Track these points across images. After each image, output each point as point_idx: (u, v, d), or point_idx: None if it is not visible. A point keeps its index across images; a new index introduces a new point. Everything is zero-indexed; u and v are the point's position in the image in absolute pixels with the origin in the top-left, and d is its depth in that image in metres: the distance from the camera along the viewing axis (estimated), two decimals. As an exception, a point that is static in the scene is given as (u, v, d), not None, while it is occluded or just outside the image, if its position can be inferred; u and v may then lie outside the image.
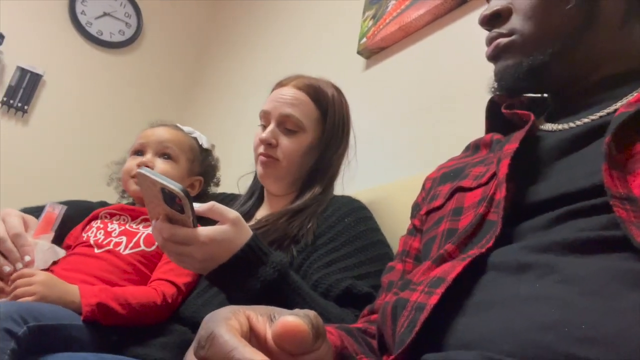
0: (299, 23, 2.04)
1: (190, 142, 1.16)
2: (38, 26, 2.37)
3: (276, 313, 0.35)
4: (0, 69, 2.27)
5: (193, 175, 1.15)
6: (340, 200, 0.98)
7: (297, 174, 1.02)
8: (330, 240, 0.88)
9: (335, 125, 1.03)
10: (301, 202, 0.96)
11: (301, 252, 0.88)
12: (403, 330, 0.43)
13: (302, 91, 1.01)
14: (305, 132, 1.00)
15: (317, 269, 0.84)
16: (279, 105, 1.00)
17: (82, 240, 1.01)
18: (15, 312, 0.69)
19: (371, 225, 0.94)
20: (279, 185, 1.03)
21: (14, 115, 2.28)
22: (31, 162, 2.28)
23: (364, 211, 0.96)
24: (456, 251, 0.48)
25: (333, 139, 1.03)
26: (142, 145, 1.11)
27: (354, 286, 0.81)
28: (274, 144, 1.00)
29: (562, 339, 0.33)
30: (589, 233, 0.39)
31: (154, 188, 0.62)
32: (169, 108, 2.66)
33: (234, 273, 0.70)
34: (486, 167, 0.56)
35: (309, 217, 0.92)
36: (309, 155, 1.02)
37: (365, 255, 0.87)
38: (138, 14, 2.64)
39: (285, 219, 0.92)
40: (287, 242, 0.89)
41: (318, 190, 0.99)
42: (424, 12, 1.31)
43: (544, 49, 0.54)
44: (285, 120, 1.00)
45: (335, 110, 1.04)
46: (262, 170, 1.02)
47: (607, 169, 0.40)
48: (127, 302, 0.84)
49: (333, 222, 0.91)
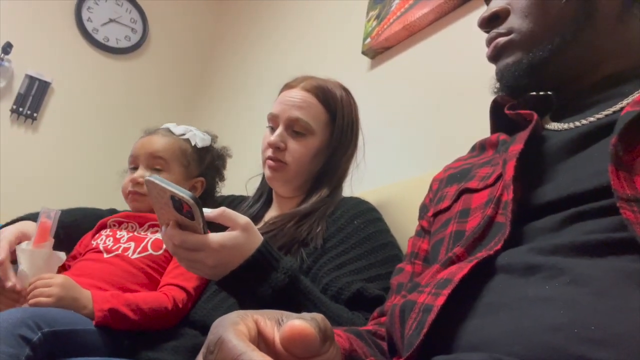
0: (303, 25, 2.04)
1: (182, 145, 1.13)
2: (45, 34, 2.40)
3: (284, 317, 0.35)
4: (10, 77, 2.29)
5: (191, 178, 1.14)
6: (349, 201, 0.97)
7: (305, 176, 1.02)
8: (340, 242, 0.88)
9: (344, 128, 1.02)
10: (309, 205, 0.96)
11: (310, 255, 0.87)
12: (411, 332, 0.43)
13: (311, 93, 1.00)
14: (313, 135, 1.00)
15: (327, 272, 0.84)
16: (287, 108, 0.99)
17: (91, 247, 1.02)
18: (29, 318, 0.70)
19: (381, 226, 0.93)
20: (287, 188, 1.03)
21: (24, 123, 2.31)
22: (41, 169, 2.31)
23: (373, 213, 0.95)
24: (465, 254, 0.47)
25: (342, 141, 1.02)
26: (134, 158, 1.12)
27: (365, 289, 0.80)
28: (282, 147, 0.99)
29: (572, 340, 0.33)
30: (598, 235, 0.39)
31: (164, 195, 0.63)
32: (177, 111, 2.67)
33: (245, 279, 0.69)
34: (492, 168, 0.56)
35: (318, 220, 0.92)
36: (318, 158, 1.01)
37: (375, 258, 0.86)
38: (143, 19, 2.66)
39: (294, 222, 0.92)
40: (296, 246, 0.88)
41: (326, 192, 0.99)
42: (428, 10, 1.31)
43: (542, 45, 0.55)
44: (294, 123, 0.99)
45: (344, 112, 1.03)
46: (270, 174, 1.01)
47: (614, 170, 0.40)
48: (139, 307, 0.85)
49: (342, 225, 0.90)
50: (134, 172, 1.10)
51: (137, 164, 1.11)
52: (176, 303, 0.88)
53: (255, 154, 1.08)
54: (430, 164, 1.12)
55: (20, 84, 2.30)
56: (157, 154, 1.09)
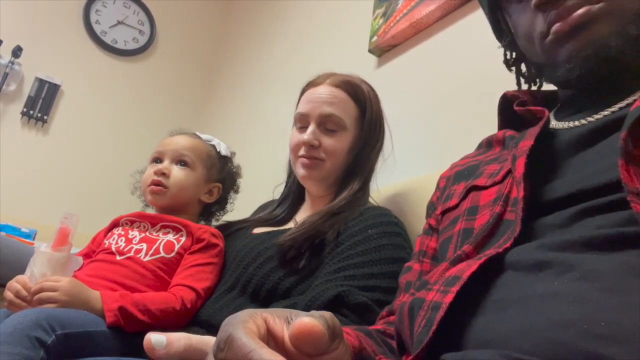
0: (309, 24, 2.05)
1: (208, 149, 1.17)
2: (54, 37, 2.43)
3: (293, 315, 0.35)
4: (20, 81, 2.32)
5: (211, 182, 1.17)
6: (371, 211, 0.94)
7: (338, 172, 1.01)
8: (347, 248, 0.86)
9: (372, 122, 1.02)
10: (339, 202, 0.94)
11: (323, 256, 0.87)
12: (420, 330, 0.43)
13: (340, 89, 1.00)
14: (346, 130, 0.99)
15: (323, 276, 0.83)
16: (318, 105, 0.98)
17: (104, 247, 1.03)
18: (44, 320, 0.70)
19: (396, 241, 0.88)
20: (321, 185, 1.02)
21: (34, 126, 2.34)
22: (53, 171, 2.34)
23: (392, 227, 0.91)
24: (474, 252, 0.47)
25: (371, 135, 1.02)
26: (160, 153, 1.14)
27: (346, 294, 0.77)
28: (317, 145, 0.98)
29: (582, 336, 0.33)
30: (608, 230, 0.39)
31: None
32: (185, 112, 2.69)
33: None
34: (500, 165, 0.56)
35: (344, 219, 0.91)
36: (350, 154, 1.00)
37: (379, 269, 0.83)
38: (151, 21, 2.68)
39: (323, 219, 0.91)
40: (318, 240, 0.88)
41: (356, 187, 0.97)
42: (435, 7, 1.31)
43: (637, 21, 0.48)
44: (326, 120, 0.98)
45: (373, 106, 1.03)
46: (305, 172, 1.00)
47: (624, 164, 0.39)
48: (147, 307, 0.85)
49: (354, 232, 0.89)
50: (156, 165, 1.12)
51: (163, 158, 1.13)
52: (184, 303, 0.89)
53: (265, 153, 1.08)
54: (438, 162, 1.11)
55: (31, 87, 2.33)
56: (184, 151, 1.12)
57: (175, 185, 1.09)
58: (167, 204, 1.10)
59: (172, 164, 1.11)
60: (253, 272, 0.90)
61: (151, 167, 1.13)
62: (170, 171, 1.09)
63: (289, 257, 0.87)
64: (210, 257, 1.00)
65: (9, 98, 2.29)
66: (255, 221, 1.09)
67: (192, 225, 1.05)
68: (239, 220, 1.13)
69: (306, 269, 0.87)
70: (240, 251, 0.97)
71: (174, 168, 1.11)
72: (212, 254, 1.00)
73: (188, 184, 1.11)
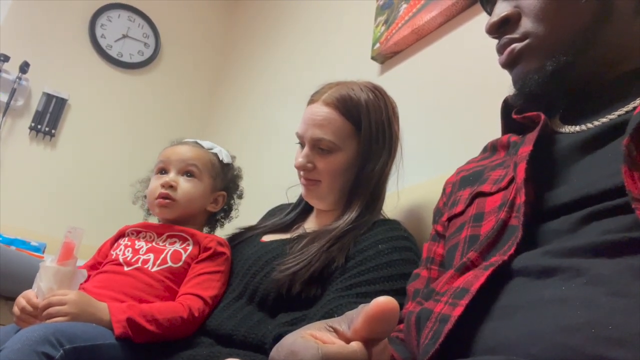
0: (312, 34, 2.06)
1: (212, 158, 1.16)
2: (61, 52, 2.45)
3: (329, 323, 0.36)
4: (27, 96, 2.35)
5: (216, 191, 1.16)
6: (381, 225, 0.93)
7: (339, 191, 1.00)
8: (358, 264, 0.85)
9: (372, 134, 0.99)
10: (345, 225, 0.93)
11: (334, 277, 0.86)
12: (427, 341, 0.43)
13: (330, 107, 0.98)
14: (340, 150, 0.98)
15: (335, 292, 0.82)
16: (309, 127, 0.98)
17: (111, 259, 1.03)
18: (51, 335, 0.70)
19: (407, 256, 0.87)
20: (324, 202, 1.02)
21: (42, 140, 2.36)
22: (61, 184, 2.35)
23: (403, 241, 0.89)
24: (479, 259, 0.47)
25: (372, 148, 0.99)
26: (164, 164, 1.11)
27: None
28: (310, 168, 0.99)
29: (589, 341, 0.33)
30: (615, 235, 0.39)
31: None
32: (191, 123, 2.71)
33: None
34: (505, 171, 0.56)
35: (349, 242, 0.89)
36: (349, 171, 0.99)
37: (391, 286, 0.81)
38: (155, 34, 2.71)
39: (329, 244, 0.89)
40: (328, 270, 0.86)
41: (361, 205, 0.96)
42: (436, 13, 1.31)
43: (566, 49, 0.52)
44: (318, 142, 0.98)
45: (371, 118, 0.99)
46: (305, 192, 1.02)
47: (627, 170, 0.39)
48: (154, 317, 0.85)
49: (365, 247, 0.88)
50: (162, 177, 1.10)
51: (168, 169, 1.10)
52: (192, 312, 0.89)
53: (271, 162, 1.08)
54: (441, 167, 1.11)
55: (38, 101, 2.35)
56: (191, 162, 1.10)
57: (183, 198, 1.08)
58: (175, 217, 1.09)
59: (179, 175, 1.10)
60: (260, 280, 0.89)
61: (156, 178, 1.11)
62: (177, 183, 1.08)
63: (294, 292, 0.85)
64: (217, 265, 0.99)
65: (17, 113, 2.32)
66: (265, 228, 1.09)
67: (199, 234, 1.05)
68: (247, 228, 1.13)
69: None
70: (248, 259, 0.97)
71: (180, 179, 1.09)
72: (219, 262, 1.00)
73: (196, 196, 1.10)
